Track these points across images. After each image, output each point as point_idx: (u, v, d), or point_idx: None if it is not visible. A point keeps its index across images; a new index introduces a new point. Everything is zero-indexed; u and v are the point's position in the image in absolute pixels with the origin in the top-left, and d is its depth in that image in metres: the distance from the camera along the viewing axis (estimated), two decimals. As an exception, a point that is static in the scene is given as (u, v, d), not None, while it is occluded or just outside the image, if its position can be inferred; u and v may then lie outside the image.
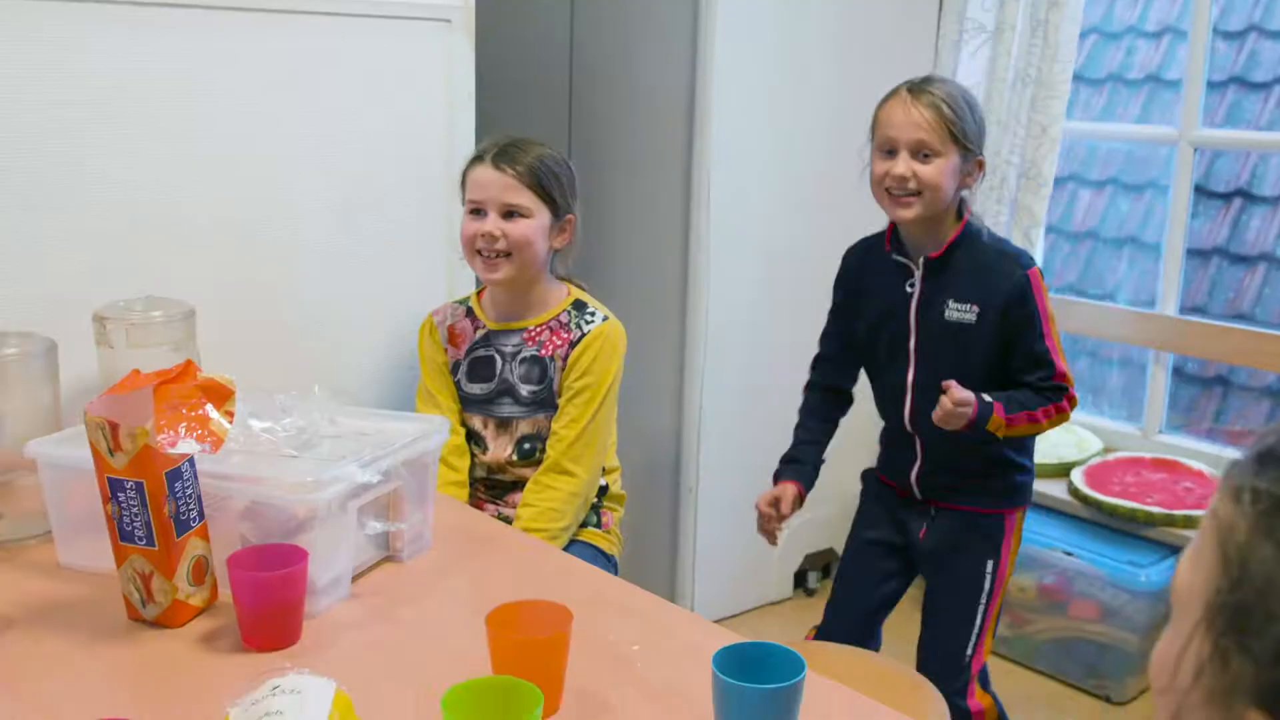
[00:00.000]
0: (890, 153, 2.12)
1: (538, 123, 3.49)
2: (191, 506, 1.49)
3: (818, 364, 2.47)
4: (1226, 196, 5.15)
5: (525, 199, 2.10)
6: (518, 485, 2.20)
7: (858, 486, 3.58)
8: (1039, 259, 3.00)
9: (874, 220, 3.04)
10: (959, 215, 2.18)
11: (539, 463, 2.16)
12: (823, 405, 2.48)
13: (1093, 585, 2.95)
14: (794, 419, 3.36)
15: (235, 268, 2.16)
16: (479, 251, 2.12)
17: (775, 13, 3.09)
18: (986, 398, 2.10)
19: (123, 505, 1.45)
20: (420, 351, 2.26)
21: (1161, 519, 2.89)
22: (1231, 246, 5.13)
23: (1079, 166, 4.98)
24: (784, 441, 3.37)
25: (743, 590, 3.41)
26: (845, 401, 2.48)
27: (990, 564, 2.26)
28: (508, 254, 2.11)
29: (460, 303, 2.29)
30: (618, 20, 3.25)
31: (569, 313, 2.19)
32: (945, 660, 2.27)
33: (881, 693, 1.48)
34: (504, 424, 2.19)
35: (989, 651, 2.31)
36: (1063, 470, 3.19)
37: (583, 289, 2.26)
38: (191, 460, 1.48)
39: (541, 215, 2.12)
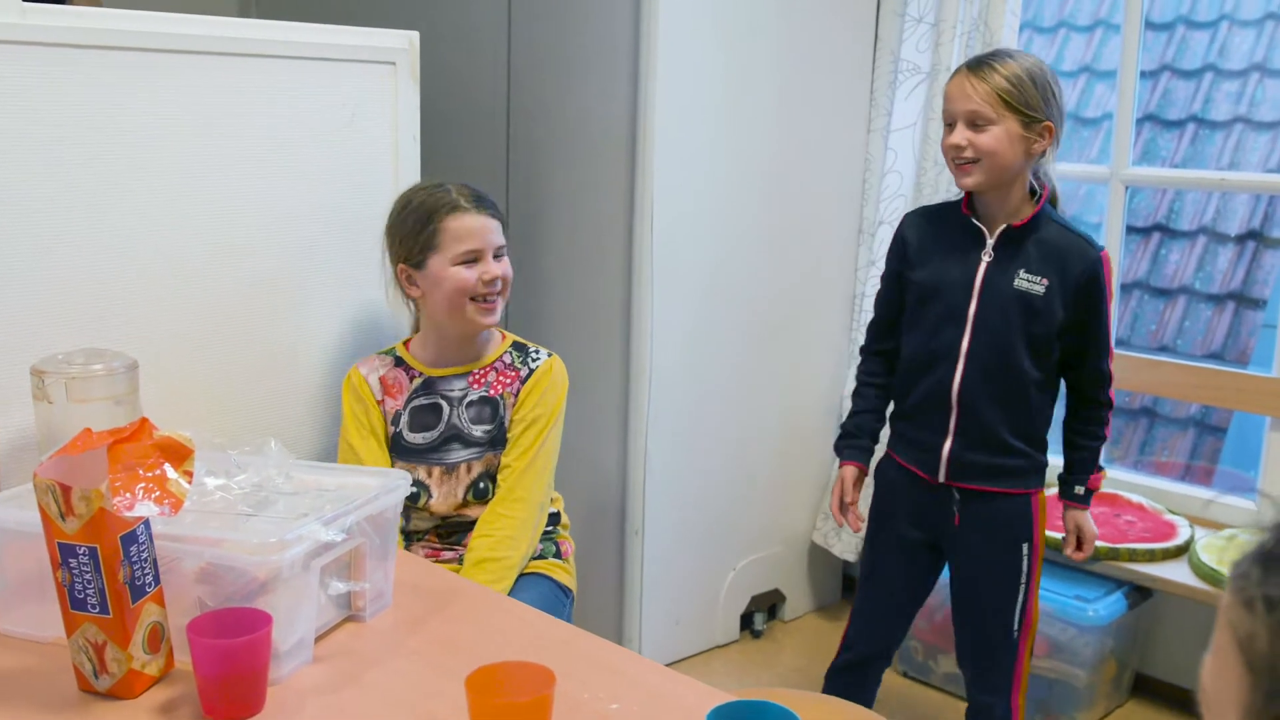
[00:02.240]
0: (951, 125, 2.22)
1: (476, 158, 3.45)
2: (147, 571, 1.42)
3: (872, 328, 2.51)
4: (1146, 231, 5.27)
5: (503, 238, 2.17)
6: (469, 525, 2.16)
7: (804, 526, 3.61)
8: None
9: (822, 253, 3.06)
10: (1036, 190, 2.27)
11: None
12: (881, 369, 2.50)
13: (1041, 621, 2.95)
14: (740, 458, 3.36)
15: (178, 316, 2.09)
16: (474, 298, 2.12)
17: (715, 48, 3.09)
18: (1079, 489, 2.37)
19: (74, 572, 1.37)
20: (346, 408, 2.20)
21: (1106, 553, 2.91)
22: (1152, 280, 5.25)
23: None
24: (730, 482, 3.38)
25: (689, 634, 3.37)
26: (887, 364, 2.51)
27: (1025, 547, 2.35)
28: (500, 294, 2.15)
29: (385, 354, 2.24)
30: (556, 53, 3.23)
31: (511, 353, 2.21)
32: (995, 648, 2.38)
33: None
34: (451, 470, 2.15)
35: (1036, 621, 2.41)
36: (1006, 506, 3.19)
37: (510, 333, 2.29)
38: (147, 522, 1.42)
39: (508, 250, 2.20)
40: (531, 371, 2.17)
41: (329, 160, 2.25)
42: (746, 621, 3.52)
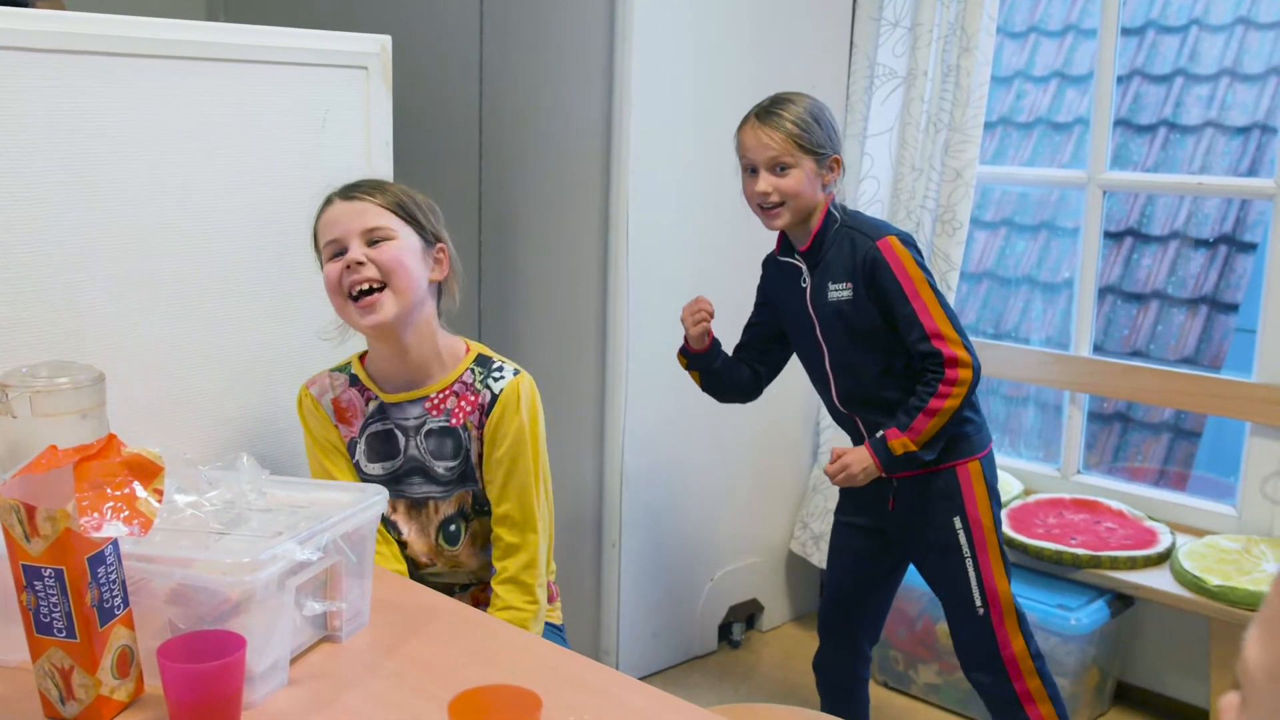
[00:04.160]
0: (753, 172, 2.34)
1: (449, 164, 3.41)
2: (116, 593, 1.37)
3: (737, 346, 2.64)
4: (1118, 236, 5.27)
5: (387, 220, 1.87)
6: (455, 583, 2.03)
7: (781, 536, 3.58)
8: (951, 302, 3.00)
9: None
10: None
11: (470, 542, 2.00)
12: (745, 354, 2.62)
13: (1022, 630, 2.93)
14: (717, 468, 3.33)
15: (147, 326, 2.03)
16: (350, 296, 1.86)
17: (689, 53, 3.06)
18: (878, 434, 2.32)
19: (40, 595, 1.32)
20: (306, 430, 2.01)
21: (1087, 560, 2.89)
22: (1125, 284, 5.25)
23: (973, 209, 5.07)
24: (706, 492, 3.34)
25: (667, 646, 3.33)
26: (751, 373, 2.59)
27: (958, 520, 2.39)
28: (382, 285, 1.85)
29: (340, 370, 2.02)
30: (529, 59, 3.19)
31: (472, 371, 1.95)
32: (966, 626, 2.43)
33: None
34: (417, 506, 1.98)
35: (1008, 596, 2.40)
36: (985, 513, 3.17)
37: (478, 345, 2.05)
38: (115, 543, 1.37)
39: (409, 237, 1.89)
40: (495, 396, 1.92)
41: (301, 166, 2.20)
42: (724, 632, 3.48)
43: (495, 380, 1.94)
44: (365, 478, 1.98)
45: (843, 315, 2.35)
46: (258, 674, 1.42)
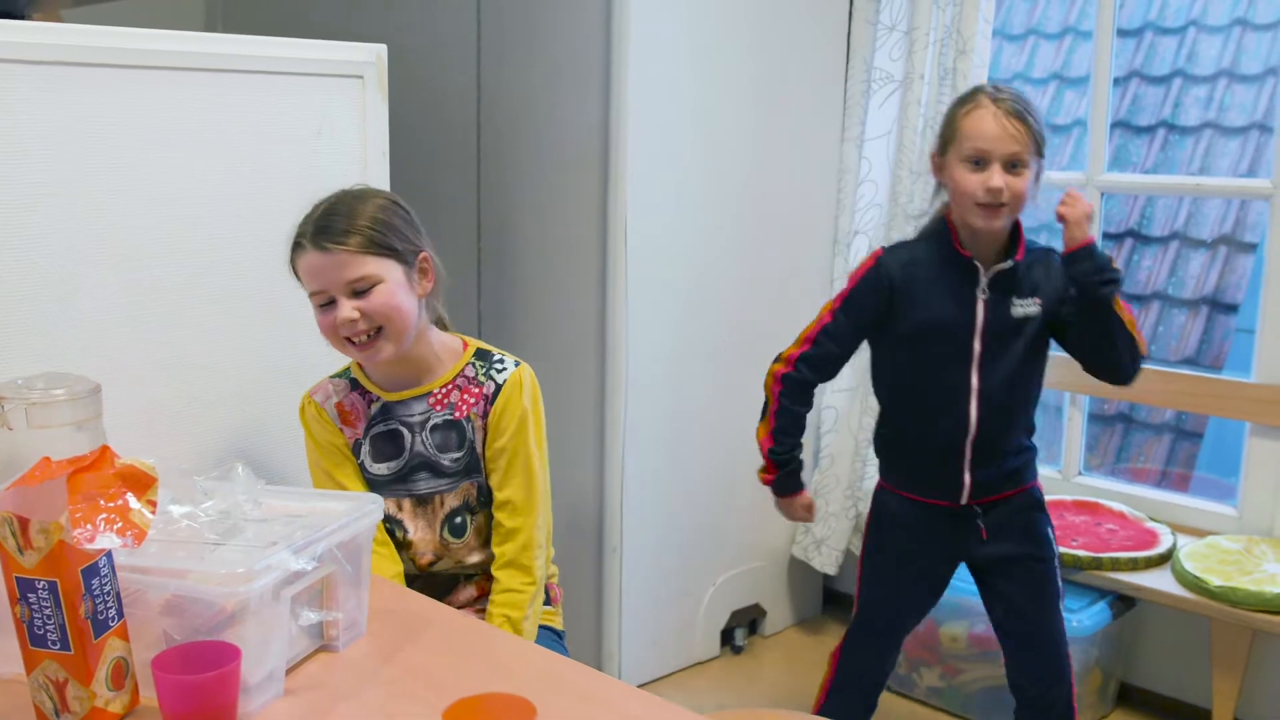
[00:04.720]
0: (978, 163, 2.13)
1: (447, 172, 3.42)
2: (110, 605, 1.37)
3: (819, 360, 2.34)
4: (1118, 237, 5.27)
5: (368, 267, 1.85)
6: (460, 574, 2.04)
7: (784, 540, 3.57)
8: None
9: (797, 264, 2.96)
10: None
11: (475, 535, 2.02)
12: (811, 400, 2.39)
13: (1024, 633, 2.92)
14: (719, 472, 3.32)
15: (142, 336, 2.04)
16: (348, 339, 1.89)
17: (687, 58, 3.06)
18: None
19: (34, 607, 1.32)
20: (310, 437, 2.03)
21: (1089, 562, 2.88)
22: (1125, 286, 5.25)
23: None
24: (708, 496, 3.33)
25: (669, 651, 3.33)
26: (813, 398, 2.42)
27: (1049, 529, 2.40)
28: (378, 329, 1.87)
29: (340, 376, 2.05)
30: (527, 66, 3.19)
31: (474, 365, 1.99)
32: (1054, 636, 2.42)
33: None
34: (423, 501, 2.00)
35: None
36: (986, 516, 3.17)
37: (475, 339, 2.07)
38: (109, 554, 1.36)
39: (393, 273, 1.87)
40: (499, 387, 1.97)
41: (297, 176, 2.20)
42: (727, 637, 3.48)
43: (499, 371, 1.99)
44: (370, 478, 2.01)
45: (1025, 331, 2.23)
46: (253, 685, 1.42)
